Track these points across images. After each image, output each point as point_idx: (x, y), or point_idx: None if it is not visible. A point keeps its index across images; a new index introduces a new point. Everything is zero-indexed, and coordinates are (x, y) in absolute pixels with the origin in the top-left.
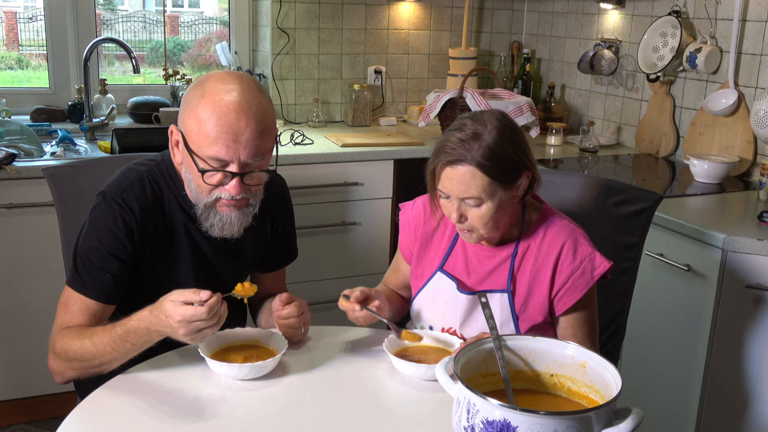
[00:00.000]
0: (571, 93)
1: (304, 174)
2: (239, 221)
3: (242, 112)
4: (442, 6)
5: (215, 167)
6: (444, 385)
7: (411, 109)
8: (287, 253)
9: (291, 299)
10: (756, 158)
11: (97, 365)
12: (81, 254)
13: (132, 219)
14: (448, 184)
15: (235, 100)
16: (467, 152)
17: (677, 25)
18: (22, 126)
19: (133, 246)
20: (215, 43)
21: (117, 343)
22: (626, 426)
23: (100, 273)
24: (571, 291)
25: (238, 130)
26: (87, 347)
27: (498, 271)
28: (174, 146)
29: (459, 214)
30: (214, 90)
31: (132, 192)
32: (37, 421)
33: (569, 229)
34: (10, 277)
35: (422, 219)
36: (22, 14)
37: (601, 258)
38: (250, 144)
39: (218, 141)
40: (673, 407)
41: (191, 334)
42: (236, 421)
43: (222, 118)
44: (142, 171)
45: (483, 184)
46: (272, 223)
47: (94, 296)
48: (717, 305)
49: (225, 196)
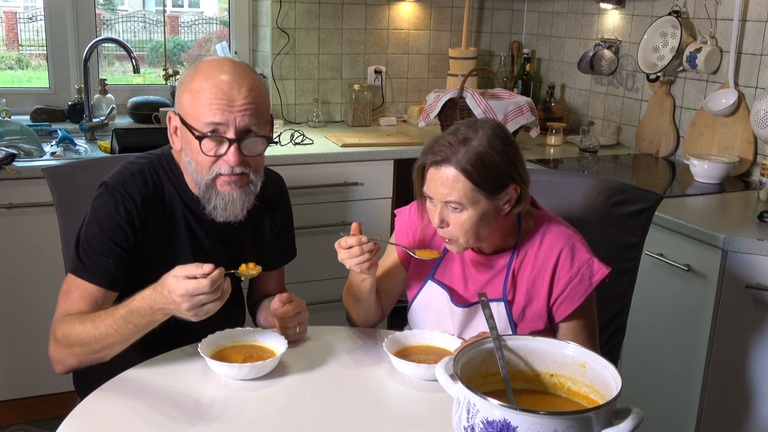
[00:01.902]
0: (571, 93)
1: (304, 174)
2: (242, 200)
3: (235, 81)
4: (442, 6)
5: (211, 134)
6: (444, 385)
7: (411, 109)
8: (286, 251)
9: (290, 298)
10: (756, 158)
11: (98, 350)
12: (83, 242)
13: (133, 207)
14: (432, 186)
15: (228, 71)
16: (453, 155)
17: (677, 25)
18: (22, 126)
19: (135, 234)
20: (215, 43)
21: (120, 324)
22: (626, 426)
23: (102, 259)
24: (569, 298)
25: (231, 96)
26: (89, 331)
27: (496, 280)
28: (173, 133)
29: (440, 218)
30: (207, 66)
31: (133, 182)
32: (37, 421)
33: (566, 235)
34: (11, 277)
35: (420, 224)
36: (22, 14)
37: (599, 264)
38: (245, 108)
39: (212, 106)
40: (673, 407)
41: (194, 309)
42: (236, 421)
43: (216, 87)
44: (142, 163)
45: (465, 190)
46: (271, 220)
47: (98, 281)
48: (717, 305)
49: (225, 170)
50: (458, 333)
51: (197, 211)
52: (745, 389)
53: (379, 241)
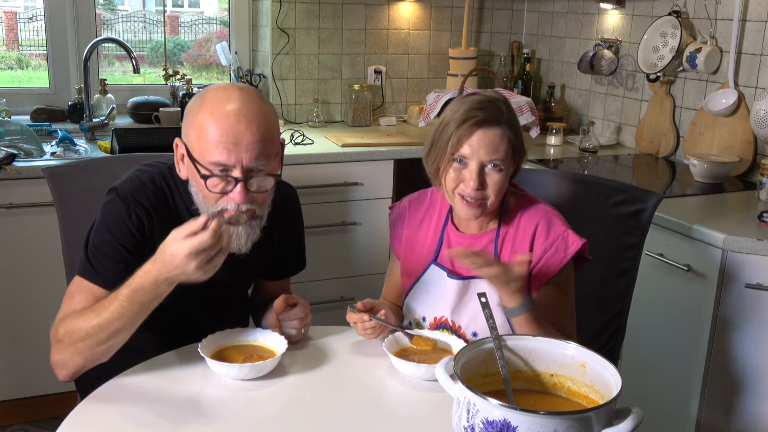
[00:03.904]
0: (571, 93)
1: (304, 174)
2: (246, 234)
3: (242, 115)
4: (442, 6)
5: (217, 173)
6: (444, 385)
7: (411, 109)
8: (295, 264)
9: (296, 301)
10: (756, 158)
11: (104, 339)
12: (93, 246)
13: (144, 215)
14: (476, 145)
15: (235, 104)
16: (501, 114)
17: (677, 25)
18: (22, 126)
19: (144, 242)
20: (215, 43)
21: (124, 306)
22: (626, 426)
23: (112, 262)
24: (545, 268)
25: (238, 133)
26: (92, 321)
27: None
28: (179, 161)
29: (480, 180)
30: (213, 98)
31: (144, 191)
32: (37, 421)
33: (543, 211)
34: (11, 277)
35: (407, 213)
36: (22, 14)
37: (575, 236)
38: (252, 147)
39: (219, 145)
40: (673, 407)
41: (203, 266)
42: (236, 421)
43: (222, 122)
44: (153, 173)
45: (506, 150)
46: (281, 235)
47: (105, 284)
48: (717, 305)
49: (231, 206)
50: (452, 308)
51: None
52: (745, 389)
53: (381, 321)
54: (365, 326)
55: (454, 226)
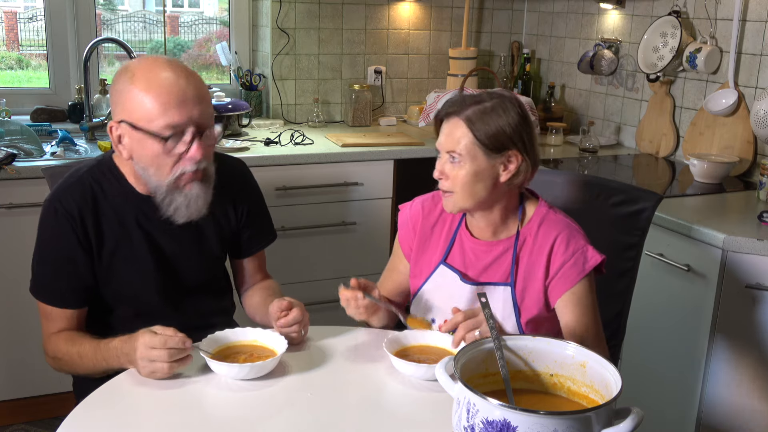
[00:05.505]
0: (571, 93)
1: (304, 174)
2: (204, 195)
3: (179, 77)
4: (442, 6)
5: (173, 133)
6: (444, 385)
7: (411, 109)
8: (261, 236)
9: (290, 305)
10: (756, 158)
11: (82, 373)
12: (35, 268)
13: (72, 217)
14: (441, 138)
15: (167, 68)
16: (462, 109)
17: (677, 25)
18: (22, 126)
19: (80, 244)
20: (215, 43)
21: (97, 360)
22: (626, 426)
23: (55, 282)
24: (562, 280)
25: (180, 91)
26: (74, 358)
27: (496, 265)
28: (118, 143)
29: (440, 170)
30: (143, 69)
31: (69, 192)
32: (37, 421)
33: (564, 223)
34: (10, 278)
35: (420, 216)
36: (22, 14)
37: (594, 251)
38: (198, 101)
39: (167, 107)
40: (673, 407)
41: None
42: (236, 421)
43: (163, 86)
44: (82, 170)
45: (466, 141)
46: (235, 210)
47: (60, 305)
48: (717, 305)
49: (188, 168)
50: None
51: (148, 210)
52: (745, 389)
53: (375, 300)
54: (358, 304)
55: (468, 232)
